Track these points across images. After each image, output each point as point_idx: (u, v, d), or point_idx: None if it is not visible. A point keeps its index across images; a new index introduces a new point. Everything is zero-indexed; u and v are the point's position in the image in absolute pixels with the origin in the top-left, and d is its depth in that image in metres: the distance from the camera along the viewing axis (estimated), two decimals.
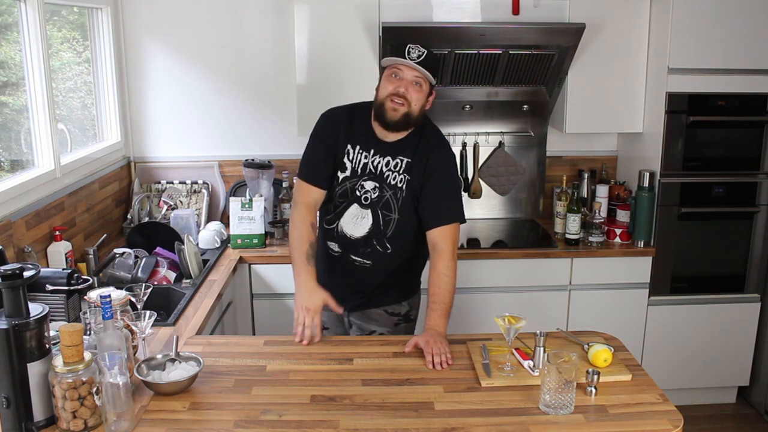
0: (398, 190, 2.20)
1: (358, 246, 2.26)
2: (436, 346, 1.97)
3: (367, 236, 2.24)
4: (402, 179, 2.20)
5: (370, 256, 2.27)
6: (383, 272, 2.31)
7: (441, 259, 2.16)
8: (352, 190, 2.22)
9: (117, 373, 1.54)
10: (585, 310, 3.20)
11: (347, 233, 2.26)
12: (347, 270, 2.31)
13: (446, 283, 2.14)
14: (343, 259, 2.30)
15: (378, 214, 2.23)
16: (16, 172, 2.57)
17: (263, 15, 3.39)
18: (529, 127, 3.55)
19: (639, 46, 3.23)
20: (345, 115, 2.28)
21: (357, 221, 2.24)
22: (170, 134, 3.51)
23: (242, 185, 3.49)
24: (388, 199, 2.22)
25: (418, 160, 2.19)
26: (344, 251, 2.28)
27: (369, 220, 2.23)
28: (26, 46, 2.57)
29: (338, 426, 1.61)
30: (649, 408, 1.70)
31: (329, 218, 2.30)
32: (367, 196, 2.22)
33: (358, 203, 2.23)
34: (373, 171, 2.21)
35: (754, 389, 3.45)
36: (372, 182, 2.22)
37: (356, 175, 2.23)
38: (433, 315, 2.11)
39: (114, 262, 2.66)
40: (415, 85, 2.11)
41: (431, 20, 3.14)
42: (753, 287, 3.31)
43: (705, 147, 3.16)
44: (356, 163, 2.23)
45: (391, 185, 2.21)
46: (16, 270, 1.56)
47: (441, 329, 2.08)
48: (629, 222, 3.26)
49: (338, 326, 2.44)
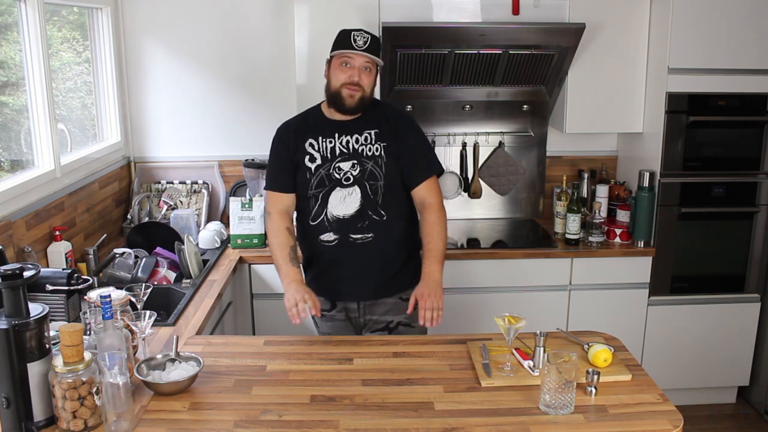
0: (378, 158, 2.28)
1: (356, 222, 2.28)
2: (430, 300, 2.10)
3: (360, 209, 2.27)
4: (378, 147, 2.28)
5: (369, 228, 2.28)
6: (389, 243, 2.32)
7: (431, 211, 2.30)
8: (329, 176, 2.27)
9: (117, 373, 1.54)
10: (585, 310, 3.20)
11: (339, 215, 2.28)
12: (352, 254, 2.30)
13: (438, 233, 2.27)
14: (344, 243, 2.29)
15: (365, 185, 2.27)
16: (16, 172, 2.57)
17: (263, 15, 3.39)
18: (529, 127, 3.55)
19: (639, 46, 3.23)
20: (295, 121, 2.40)
21: (345, 200, 2.27)
22: (170, 134, 3.51)
23: (242, 185, 3.50)
24: (371, 169, 2.27)
25: (385, 129, 2.30)
26: (342, 235, 2.29)
27: (357, 194, 2.27)
28: (26, 46, 2.57)
29: (338, 426, 1.61)
30: (649, 408, 1.70)
31: (314, 213, 2.30)
32: (348, 175, 2.27)
33: (339, 185, 2.27)
34: (346, 150, 2.28)
35: (754, 389, 3.45)
36: (348, 161, 2.27)
37: (327, 160, 2.28)
38: (428, 262, 2.23)
39: (114, 262, 2.66)
40: (366, 71, 2.23)
41: (431, 20, 3.14)
42: (753, 287, 3.31)
43: (705, 147, 3.16)
44: (324, 150, 2.28)
45: (369, 156, 2.28)
46: (16, 270, 1.56)
47: (437, 275, 2.21)
48: (629, 222, 3.26)
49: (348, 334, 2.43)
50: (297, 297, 2.13)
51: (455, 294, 2.65)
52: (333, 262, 2.33)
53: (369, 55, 2.21)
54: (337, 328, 2.43)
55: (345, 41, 2.22)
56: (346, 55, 2.21)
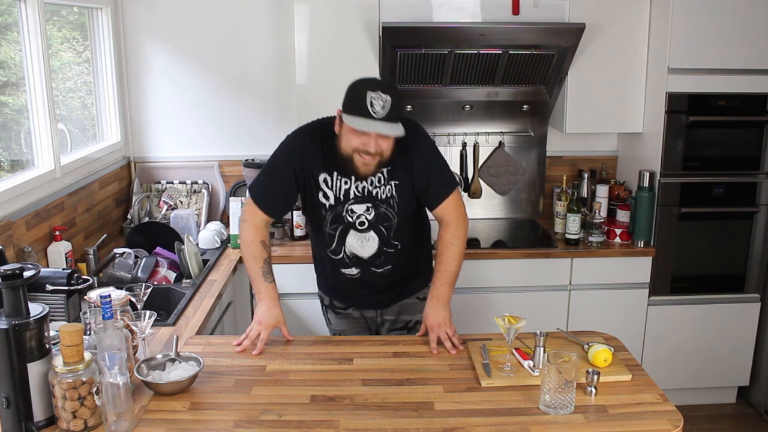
0: (391, 200, 2.15)
1: (374, 260, 2.23)
2: (443, 330, 2.05)
3: (378, 251, 2.21)
4: (390, 188, 2.13)
5: (387, 261, 2.24)
6: (403, 265, 2.29)
7: (448, 230, 2.19)
8: (342, 217, 2.16)
9: (117, 373, 1.54)
10: (585, 310, 3.20)
11: (360, 255, 2.22)
12: (369, 283, 2.28)
13: (453, 252, 2.17)
14: (364, 277, 2.26)
15: (380, 228, 2.19)
16: (16, 172, 2.57)
17: (263, 15, 3.39)
18: (529, 127, 3.55)
19: (639, 46, 3.23)
20: (311, 143, 2.14)
21: (363, 243, 2.19)
22: (170, 134, 3.51)
23: (242, 185, 3.49)
24: (385, 212, 2.17)
25: (398, 163, 2.10)
26: (363, 269, 2.25)
27: (375, 239, 2.19)
28: (26, 46, 2.57)
29: (338, 426, 1.61)
30: (649, 408, 1.70)
31: (333, 249, 2.23)
32: (362, 220, 2.15)
33: (354, 228, 2.17)
34: (360, 194, 2.13)
35: (754, 389, 3.45)
36: (362, 205, 2.15)
37: (340, 202, 2.14)
38: (439, 284, 2.16)
39: (114, 262, 2.66)
40: (383, 137, 1.96)
41: (431, 20, 3.14)
42: (753, 287, 3.31)
43: (705, 147, 3.16)
44: (337, 190, 2.13)
45: (383, 200, 2.14)
46: (16, 270, 1.56)
47: (445, 299, 2.15)
48: (629, 222, 3.25)
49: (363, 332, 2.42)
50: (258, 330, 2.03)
51: (455, 294, 2.63)
52: (353, 289, 2.31)
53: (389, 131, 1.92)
54: (351, 325, 2.41)
55: (360, 104, 1.91)
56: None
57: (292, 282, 3.05)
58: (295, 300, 3.08)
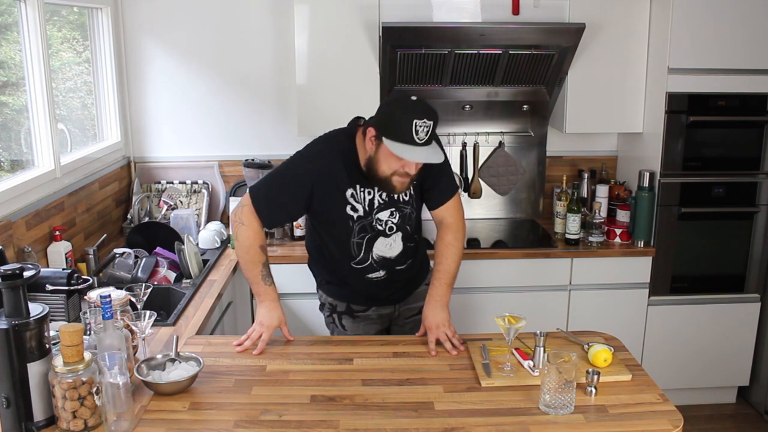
0: (411, 200, 2.21)
1: (400, 258, 2.26)
2: (442, 332, 2.07)
3: (403, 247, 2.25)
4: (409, 192, 2.20)
5: (408, 257, 2.30)
6: (420, 258, 2.40)
7: (449, 231, 2.25)
8: (371, 226, 2.18)
9: (117, 373, 1.54)
10: (585, 310, 3.20)
11: (387, 256, 2.24)
12: (391, 281, 2.30)
13: (453, 254, 2.23)
14: (388, 278, 2.28)
15: (405, 227, 2.24)
16: (16, 172, 2.57)
17: (263, 15, 3.39)
18: (529, 127, 3.55)
19: (639, 46, 3.23)
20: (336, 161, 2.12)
21: (390, 246, 2.23)
22: (170, 134, 3.51)
23: (242, 185, 3.49)
24: (407, 213, 2.23)
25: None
26: (389, 270, 2.26)
27: (399, 238, 2.23)
28: (26, 46, 2.57)
29: (338, 426, 1.61)
30: (649, 408, 1.70)
31: (360, 258, 2.22)
32: (390, 225, 2.19)
33: (383, 235, 2.20)
34: (383, 202, 2.17)
35: (754, 389, 3.45)
36: (386, 210, 2.18)
37: (368, 213, 2.17)
38: (438, 284, 2.20)
39: (114, 262, 2.66)
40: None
41: (431, 20, 3.14)
42: (753, 287, 3.31)
43: (705, 147, 3.16)
44: (363, 201, 2.16)
45: (404, 202, 2.20)
46: (16, 270, 1.56)
47: (444, 299, 2.18)
48: (629, 222, 3.25)
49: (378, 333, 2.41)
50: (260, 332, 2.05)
51: (455, 294, 2.64)
52: (379, 289, 2.31)
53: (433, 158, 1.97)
54: (367, 328, 2.39)
55: (406, 133, 1.92)
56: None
57: (292, 282, 3.05)
58: (295, 300, 3.08)
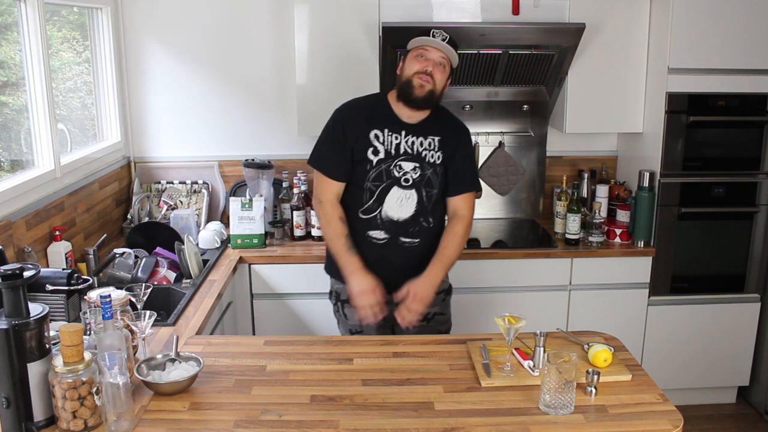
0: (438, 167, 2.32)
1: (407, 227, 2.32)
2: (416, 304, 2.21)
3: (414, 215, 2.31)
4: (438, 156, 2.31)
5: (418, 234, 2.34)
6: (427, 249, 2.37)
7: (460, 222, 2.35)
8: (388, 172, 2.27)
9: (117, 373, 1.54)
10: (585, 310, 3.20)
11: (393, 217, 2.30)
12: (392, 255, 2.34)
13: (458, 244, 2.33)
14: (390, 245, 2.33)
15: (422, 192, 2.30)
16: (16, 172, 2.57)
17: (263, 15, 3.39)
18: (529, 127, 3.55)
19: (639, 46, 3.23)
20: (362, 104, 2.38)
21: (402, 203, 2.29)
22: (170, 134, 3.51)
23: (242, 185, 3.50)
24: (430, 176, 2.30)
25: (447, 137, 2.33)
26: (392, 236, 2.32)
27: (414, 199, 2.30)
28: (26, 46, 2.57)
29: (338, 426, 1.61)
30: (649, 408, 1.70)
31: (368, 207, 2.31)
32: (407, 177, 2.28)
33: (398, 185, 2.28)
34: (410, 151, 2.28)
35: (754, 389, 3.45)
36: (411, 162, 2.28)
37: (391, 156, 2.28)
38: (436, 264, 2.29)
39: (114, 262, 2.66)
40: (440, 66, 2.24)
41: (431, 20, 3.13)
42: (753, 287, 3.31)
43: (705, 147, 3.16)
44: (389, 144, 2.28)
45: (430, 163, 2.30)
46: (16, 270, 1.56)
47: (436, 279, 2.28)
48: (629, 222, 3.26)
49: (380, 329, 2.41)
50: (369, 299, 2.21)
51: (455, 294, 2.65)
52: (375, 258, 2.34)
53: (447, 47, 2.22)
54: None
55: (424, 33, 2.23)
56: (424, 47, 2.23)
57: (293, 282, 3.06)
58: (296, 300, 3.09)
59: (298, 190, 3.26)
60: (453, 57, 2.26)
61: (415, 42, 2.25)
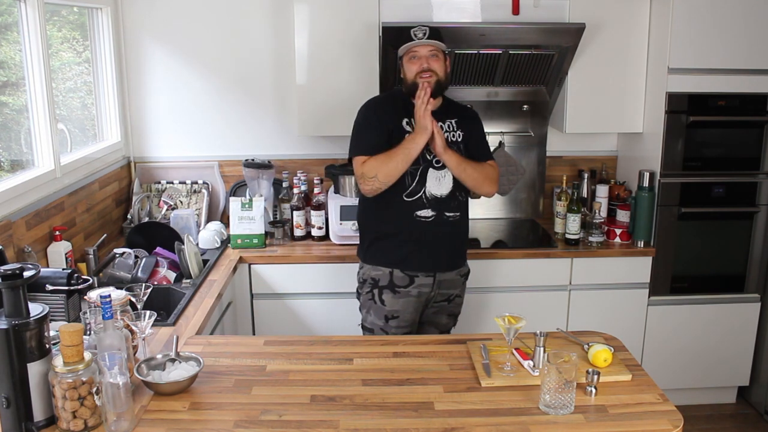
0: (460, 144, 2.53)
1: (450, 202, 2.50)
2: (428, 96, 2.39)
3: (453, 190, 2.50)
4: (459, 135, 2.55)
5: (458, 208, 2.53)
6: (465, 223, 2.60)
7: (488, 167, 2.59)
8: (422, 155, 2.44)
9: (117, 373, 1.54)
10: (585, 310, 3.20)
11: (436, 194, 2.48)
12: (443, 230, 2.50)
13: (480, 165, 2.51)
14: (437, 221, 2.49)
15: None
16: (16, 172, 2.57)
17: (263, 15, 3.39)
18: (529, 127, 3.55)
19: (639, 46, 3.23)
20: (387, 97, 2.71)
21: (440, 180, 2.48)
22: (170, 134, 3.51)
23: (242, 185, 3.50)
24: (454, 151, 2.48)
25: (462, 118, 2.58)
26: (438, 212, 2.49)
27: (449, 176, 2.49)
28: (26, 46, 2.57)
29: (338, 426, 1.61)
30: (649, 408, 1.70)
31: (412, 189, 2.47)
32: (437, 158, 2.46)
33: (432, 167, 2.47)
34: None
35: (754, 389, 3.45)
36: None
37: None
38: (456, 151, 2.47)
39: (114, 262, 2.66)
40: (433, 57, 2.45)
41: (431, 20, 3.13)
42: (753, 287, 3.31)
43: (705, 147, 3.16)
44: None
45: (453, 142, 2.52)
46: (16, 270, 1.56)
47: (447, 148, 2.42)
48: (629, 222, 3.26)
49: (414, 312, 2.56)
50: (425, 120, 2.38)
51: None
52: (426, 237, 2.50)
53: (431, 41, 2.42)
54: (406, 305, 2.53)
55: (407, 38, 2.45)
56: (412, 49, 2.45)
57: (293, 282, 3.06)
58: (296, 300, 3.09)
59: (298, 190, 3.26)
60: (441, 45, 2.46)
61: (403, 48, 2.47)
